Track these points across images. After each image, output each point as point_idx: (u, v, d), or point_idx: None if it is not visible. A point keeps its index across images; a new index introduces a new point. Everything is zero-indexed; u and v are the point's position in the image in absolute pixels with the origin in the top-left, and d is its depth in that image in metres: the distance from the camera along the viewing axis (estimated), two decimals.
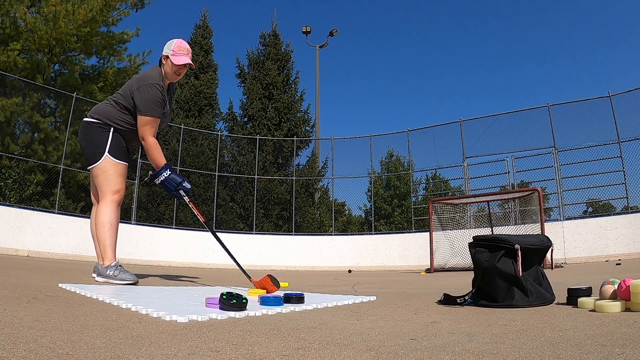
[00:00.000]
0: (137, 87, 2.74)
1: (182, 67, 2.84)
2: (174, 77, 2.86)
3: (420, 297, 2.08)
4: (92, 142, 2.76)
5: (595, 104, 9.85)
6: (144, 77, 2.78)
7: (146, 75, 2.80)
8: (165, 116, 2.90)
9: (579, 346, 0.87)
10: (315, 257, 11.14)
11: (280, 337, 0.98)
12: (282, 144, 14.93)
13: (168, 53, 2.81)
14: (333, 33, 18.20)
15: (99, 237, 2.68)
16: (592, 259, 8.45)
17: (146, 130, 2.73)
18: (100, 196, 2.74)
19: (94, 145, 2.75)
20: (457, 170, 11.59)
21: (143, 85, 2.73)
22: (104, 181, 2.73)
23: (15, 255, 7.67)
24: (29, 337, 0.86)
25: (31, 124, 11.45)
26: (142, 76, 2.81)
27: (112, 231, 2.69)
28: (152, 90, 2.72)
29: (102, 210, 2.70)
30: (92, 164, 2.75)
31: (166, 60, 2.82)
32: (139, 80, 2.78)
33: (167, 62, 2.81)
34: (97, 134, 2.76)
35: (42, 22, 11.52)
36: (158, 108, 2.75)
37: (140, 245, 9.82)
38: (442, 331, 1.09)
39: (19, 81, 10.91)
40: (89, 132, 2.78)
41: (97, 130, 2.76)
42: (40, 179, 10.92)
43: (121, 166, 2.78)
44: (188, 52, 2.85)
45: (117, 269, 2.60)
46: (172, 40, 2.86)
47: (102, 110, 2.81)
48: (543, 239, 1.72)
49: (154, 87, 2.74)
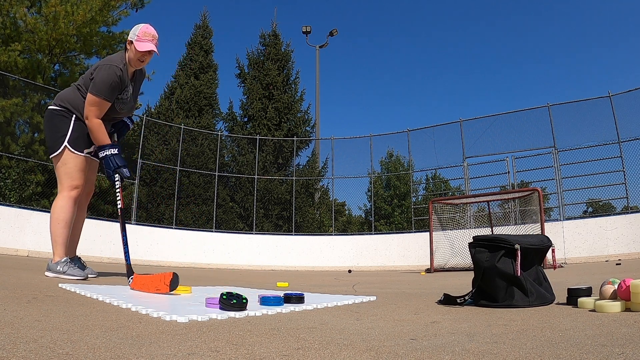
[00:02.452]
0: (98, 67, 2.66)
1: (145, 54, 2.72)
2: (137, 63, 2.75)
3: (420, 297, 2.08)
4: (53, 130, 2.68)
5: (595, 104, 9.86)
6: (106, 59, 2.71)
7: (108, 58, 2.73)
8: (124, 102, 2.78)
9: (579, 346, 0.87)
10: (315, 257, 11.14)
11: (280, 337, 0.98)
12: (282, 144, 14.93)
13: (132, 38, 2.70)
14: (333, 33, 18.20)
15: (52, 232, 2.65)
16: (592, 259, 8.45)
17: (91, 111, 2.61)
18: (59, 189, 2.69)
19: (54, 133, 2.68)
20: (457, 170, 11.59)
21: (103, 65, 2.65)
22: (63, 174, 2.67)
23: (15, 255, 7.67)
24: (29, 337, 0.86)
25: (31, 124, 11.45)
26: (104, 59, 2.73)
27: (66, 228, 2.67)
28: (109, 71, 2.62)
29: (58, 205, 2.65)
30: (51, 153, 2.69)
31: (130, 45, 2.71)
32: (100, 62, 2.73)
33: (131, 48, 2.71)
34: (58, 121, 2.68)
35: (42, 22, 11.53)
36: (109, 91, 2.63)
37: (140, 245, 9.81)
38: (442, 331, 1.09)
39: (20, 81, 10.91)
40: (51, 120, 2.71)
41: (59, 118, 2.69)
42: (40, 179, 10.92)
43: (81, 159, 2.70)
44: (153, 39, 2.73)
45: (66, 265, 2.62)
46: (138, 25, 2.75)
47: (65, 96, 2.73)
48: (543, 239, 1.72)
49: (111, 68, 2.64)
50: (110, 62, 2.67)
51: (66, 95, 2.74)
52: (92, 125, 2.63)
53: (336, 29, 18.21)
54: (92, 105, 2.61)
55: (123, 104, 2.77)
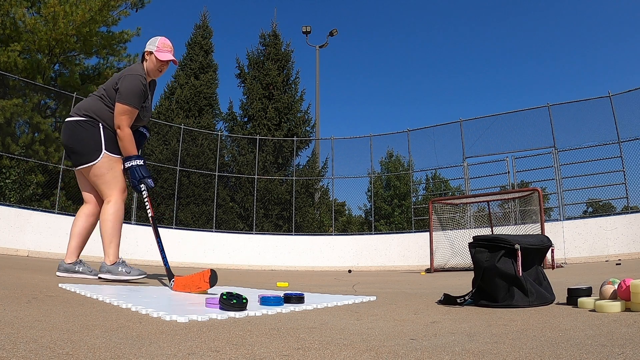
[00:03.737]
0: (121, 77, 2.73)
1: (165, 64, 2.85)
2: (156, 73, 2.86)
3: (420, 297, 2.08)
4: (84, 140, 2.69)
5: (595, 104, 9.85)
6: (128, 70, 2.79)
7: (130, 68, 2.81)
8: (146, 111, 2.88)
9: (579, 346, 0.87)
10: (315, 257, 11.14)
11: (280, 337, 0.98)
12: (282, 144, 14.93)
13: (152, 49, 2.82)
14: (333, 33, 18.19)
15: (110, 235, 2.69)
16: (592, 259, 8.45)
17: (123, 120, 2.68)
18: (108, 193, 2.72)
19: (87, 143, 2.69)
20: (457, 170, 11.59)
21: (128, 75, 2.73)
22: (110, 180, 2.71)
23: (15, 255, 7.67)
24: (29, 337, 0.86)
25: (32, 124, 11.46)
26: (126, 69, 2.82)
27: (120, 230, 2.74)
28: (135, 81, 2.71)
29: (115, 210, 2.70)
30: (88, 163, 2.69)
31: (149, 56, 2.83)
32: (123, 72, 2.79)
33: (151, 58, 2.82)
34: (87, 131, 2.69)
35: (41, 23, 11.53)
36: (138, 99, 2.73)
37: (140, 245, 9.81)
38: (442, 331, 1.09)
39: (20, 81, 10.91)
40: (77, 131, 2.71)
41: (87, 127, 2.70)
42: (40, 179, 10.92)
43: (121, 161, 2.76)
44: (171, 49, 2.87)
45: (125, 266, 2.69)
46: (156, 37, 2.87)
47: (89, 106, 2.75)
48: (543, 239, 1.72)
49: (137, 77, 2.73)
50: (134, 72, 2.75)
51: (89, 105, 2.76)
52: (125, 135, 2.70)
53: (336, 29, 18.22)
54: (123, 114, 2.68)
55: (146, 111, 2.88)
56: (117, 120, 2.69)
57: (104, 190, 2.73)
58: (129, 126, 2.72)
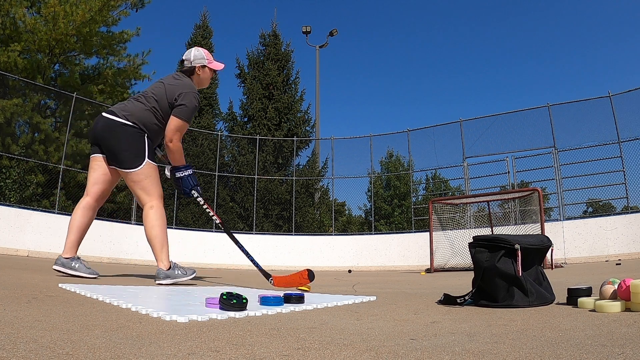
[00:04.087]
0: (183, 93, 2.80)
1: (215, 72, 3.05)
2: (206, 84, 3.03)
3: (420, 297, 2.08)
4: (131, 147, 2.74)
5: (595, 104, 9.85)
6: (186, 86, 2.84)
7: (186, 84, 2.86)
8: None
9: (579, 346, 0.87)
10: (315, 257, 11.14)
11: (280, 337, 0.98)
12: (282, 144, 14.93)
13: (203, 63, 2.95)
14: (333, 33, 18.18)
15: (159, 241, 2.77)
16: (592, 259, 8.45)
17: (177, 134, 2.80)
18: (148, 199, 2.80)
19: (132, 150, 2.74)
20: (457, 170, 11.59)
21: (189, 92, 2.81)
22: (150, 185, 2.80)
23: (15, 255, 7.67)
24: (29, 337, 0.86)
25: (32, 124, 11.46)
26: (182, 83, 2.85)
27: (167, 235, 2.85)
28: (195, 99, 2.83)
29: (158, 215, 2.80)
30: (130, 169, 2.74)
31: (202, 69, 2.96)
32: (182, 87, 2.83)
33: (204, 71, 2.97)
34: (132, 137, 2.74)
35: (42, 23, 11.53)
36: (192, 117, 2.86)
37: (140, 245, 9.79)
38: (442, 331, 1.09)
39: (20, 81, 10.91)
40: (121, 134, 2.73)
41: (134, 135, 2.75)
42: (40, 179, 10.92)
43: (157, 168, 2.88)
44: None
45: (180, 268, 2.78)
46: (197, 50, 2.98)
47: (138, 115, 2.78)
48: (543, 239, 1.72)
49: (196, 96, 2.85)
50: (192, 90, 2.85)
51: (140, 114, 2.78)
52: (177, 149, 2.83)
53: (336, 29, 18.21)
54: (179, 130, 2.81)
55: None
56: (171, 134, 2.78)
57: (141, 195, 2.80)
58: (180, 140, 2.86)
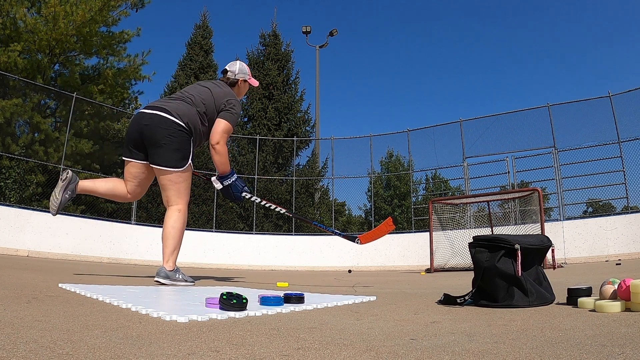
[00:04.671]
0: (231, 100, 2.92)
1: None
2: (242, 97, 3.24)
3: (420, 297, 2.08)
4: (179, 147, 2.76)
5: (595, 104, 9.85)
6: (232, 93, 3.00)
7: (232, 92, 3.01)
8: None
9: (579, 346, 0.87)
10: (315, 257, 11.14)
11: (280, 337, 0.98)
12: (282, 144, 14.93)
13: (245, 77, 3.15)
14: (333, 33, 18.18)
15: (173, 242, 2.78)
16: (592, 259, 8.45)
17: (224, 137, 2.87)
18: (177, 201, 2.81)
19: (182, 151, 2.77)
20: (457, 170, 11.59)
21: (234, 100, 2.94)
22: (184, 189, 2.83)
23: (15, 255, 7.68)
24: (29, 337, 0.86)
25: (32, 124, 11.46)
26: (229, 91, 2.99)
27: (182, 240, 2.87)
28: (240, 108, 3.00)
29: (181, 217, 2.81)
30: (173, 168, 2.76)
31: (244, 83, 3.17)
32: (229, 94, 2.96)
33: (245, 85, 3.18)
34: (182, 138, 2.77)
35: (42, 23, 11.53)
36: (236, 124, 2.99)
37: (140, 245, 9.81)
38: (442, 331, 1.09)
39: (20, 81, 10.91)
40: (177, 134, 2.75)
41: (184, 136, 2.78)
42: (40, 179, 10.92)
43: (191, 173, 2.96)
44: None
45: (182, 273, 2.81)
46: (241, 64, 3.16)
47: (191, 117, 2.82)
48: (543, 239, 1.71)
49: (240, 105, 3.02)
50: (236, 97, 3.01)
51: (191, 116, 2.82)
52: (224, 151, 2.89)
53: (336, 29, 18.19)
54: (227, 133, 2.89)
55: None
56: (218, 137, 2.85)
57: (172, 196, 2.81)
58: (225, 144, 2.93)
